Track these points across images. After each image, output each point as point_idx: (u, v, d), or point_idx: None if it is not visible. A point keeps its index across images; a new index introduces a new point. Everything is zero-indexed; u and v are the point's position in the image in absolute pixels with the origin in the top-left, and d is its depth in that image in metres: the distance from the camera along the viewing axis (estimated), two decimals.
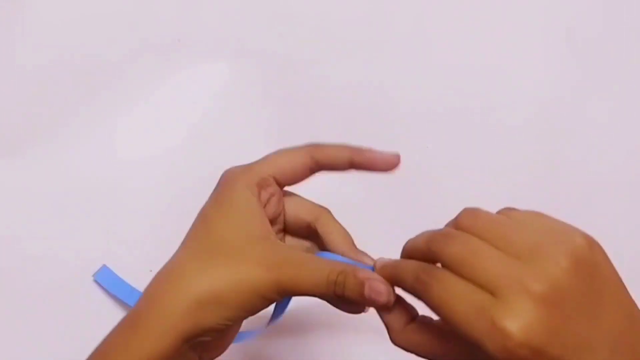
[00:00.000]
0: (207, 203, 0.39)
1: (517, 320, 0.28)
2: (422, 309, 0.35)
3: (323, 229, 0.40)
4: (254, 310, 0.36)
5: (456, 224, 0.33)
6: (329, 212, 0.41)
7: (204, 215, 0.38)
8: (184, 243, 0.38)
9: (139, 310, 0.36)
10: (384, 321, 0.36)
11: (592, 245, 0.31)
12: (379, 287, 0.35)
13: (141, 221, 0.58)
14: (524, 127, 0.65)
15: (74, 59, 0.62)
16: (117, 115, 0.62)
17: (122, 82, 0.62)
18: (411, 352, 0.35)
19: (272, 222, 0.40)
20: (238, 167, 0.40)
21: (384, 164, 0.40)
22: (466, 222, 0.33)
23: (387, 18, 0.66)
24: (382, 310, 0.36)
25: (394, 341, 0.36)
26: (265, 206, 0.39)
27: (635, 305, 0.32)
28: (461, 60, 0.65)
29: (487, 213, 0.33)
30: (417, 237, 0.35)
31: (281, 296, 0.36)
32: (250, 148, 0.64)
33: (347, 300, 0.36)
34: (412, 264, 0.34)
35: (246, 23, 0.64)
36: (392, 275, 0.36)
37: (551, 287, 0.29)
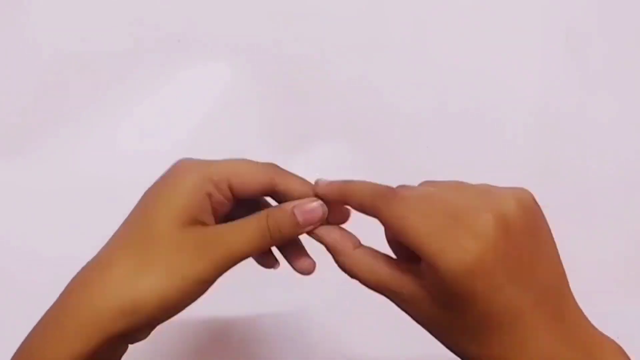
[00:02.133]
0: (151, 190, 0.37)
1: (476, 239, 0.30)
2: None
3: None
4: (195, 298, 0.35)
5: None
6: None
7: (143, 205, 0.36)
8: (118, 233, 0.36)
9: (66, 306, 0.34)
10: (329, 247, 0.36)
11: (535, 202, 0.33)
12: (308, 206, 0.35)
13: None
14: (523, 126, 0.65)
15: (74, 59, 0.62)
16: (117, 114, 0.62)
17: (122, 82, 0.62)
18: (358, 277, 0.35)
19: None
20: (193, 160, 0.37)
21: (338, 215, 0.37)
22: (424, 184, 0.35)
23: (386, 19, 0.66)
24: (322, 232, 0.36)
25: (343, 264, 0.36)
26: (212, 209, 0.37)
27: (563, 268, 0.34)
28: (461, 60, 0.66)
29: (442, 180, 0.35)
30: (364, 185, 0.35)
31: (221, 273, 0.35)
32: (250, 147, 0.64)
33: (288, 239, 0.36)
34: (369, 183, 0.35)
35: (246, 23, 0.64)
36: (343, 194, 0.35)
37: (503, 216, 0.31)
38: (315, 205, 0.36)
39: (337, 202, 0.36)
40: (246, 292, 0.58)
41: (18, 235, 0.58)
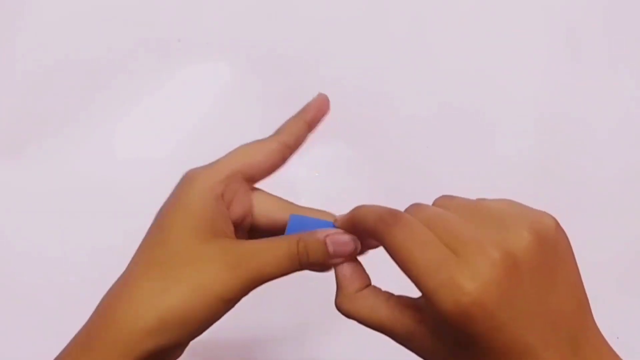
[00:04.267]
0: (163, 206, 0.36)
1: (475, 279, 0.29)
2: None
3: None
4: (219, 316, 0.34)
5: (433, 202, 0.34)
6: (298, 206, 0.39)
7: (159, 221, 0.36)
8: (139, 253, 0.36)
9: (93, 329, 0.34)
10: (338, 282, 0.35)
11: (558, 227, 0.32)
12: (341, 239, 0.35)
13: (141, 221, 0.58)
14: (524, 127, 0.65)
15: (74, 59, 0.62)
16: (117, 115, 0.62)
17: (122, 82, 0.62)
18: (354, 318, 0.34)
19: (240, 221, 0.38)
20: (200, 167, 0.37)
21: (325, 106, 0.43)
22: (440, 201, 0.34)
23: (388, 20, 0.66)
24: (348, 263, 0.35)
25: (341, 304, 0.35)
26: (230, 206, 0.37)
27: (585, 294, 0.32)
28: (462, 62, 0.65)
29: (460, 197, 0.34)
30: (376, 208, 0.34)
31: (247, 292, 0.34)
32: None
33: (316, 265, 0.35)
34: (375, 208, 0.34)
35: (246, 23, 0.64)
36: (352, 220, 0.35)
37: (510, 255, 0.29)
38: (347, 239, 0.35)
39: (351, 232, 0.35)
40: (245, 314, 0.58)
41: (16, 237, 0.58)
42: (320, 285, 0.39)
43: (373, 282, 0.36)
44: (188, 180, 0.36)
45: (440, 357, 0.32)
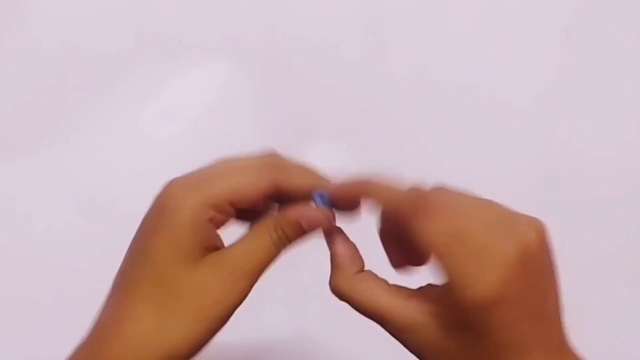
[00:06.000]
0: (144, 225, 0.34)
1: (500, 273, 0.30)
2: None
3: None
4: (222, 326, 0.34)
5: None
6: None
7: (141, 244, 0.34)
8: (123, 279, 0.34)
9: None
10: (336, 263, 0.35)
11: (542, 239, 0.32)
12: (313, 215, 0.35)
13: None
14: (523, 127, 0.65)
15: (74, 60, 0.62)
16: (117, 115, 0.62)
17: (122, 82, 0.62)
18: (351, 301, 0.34)
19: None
20: (184, 180, 0.34)
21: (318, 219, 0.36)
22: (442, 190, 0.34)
23: (386, 19, 0.66)
24: (330, 237, 0.35)
25: (338, 286, 0.34)
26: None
27: (563, 304, 0.33)
28: (461, 60, 0.66)
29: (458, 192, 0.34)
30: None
31: (247, 294, 0.34)
32: (250, 148, 0.64)
33: (298, 241, 0.35)
34: (396, 189, 0.34)
35: (246, 23, 0.64)
36: (364, 192, 0.35)
37: (525, 250, 0.30)
38: (319, 215, 0.35)
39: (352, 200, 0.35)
40: (247, 313, 0.58)
41: (16, 239, 0.59)
42: (317, 278, 0.39)
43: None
44: (174, 200, 0.33)
45: (438, 352, 0.32)
